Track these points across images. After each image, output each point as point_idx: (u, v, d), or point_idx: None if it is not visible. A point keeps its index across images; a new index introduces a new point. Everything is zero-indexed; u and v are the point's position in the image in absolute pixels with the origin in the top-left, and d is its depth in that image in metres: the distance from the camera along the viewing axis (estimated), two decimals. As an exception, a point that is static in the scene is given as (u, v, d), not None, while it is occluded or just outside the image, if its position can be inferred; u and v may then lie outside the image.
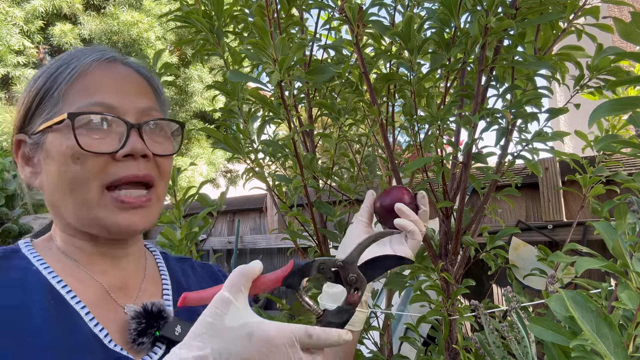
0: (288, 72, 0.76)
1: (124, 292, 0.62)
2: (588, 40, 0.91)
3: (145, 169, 0.58)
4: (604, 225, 0.55)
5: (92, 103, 0.57)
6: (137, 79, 0.64)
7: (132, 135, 0.57)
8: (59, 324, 0.53)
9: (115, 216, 0.57)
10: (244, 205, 2.69)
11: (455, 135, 1.01)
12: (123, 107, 0.59)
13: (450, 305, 0.91)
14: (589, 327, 0.46)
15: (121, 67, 0.63)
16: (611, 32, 0.81)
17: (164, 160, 0.62)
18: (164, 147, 0.62)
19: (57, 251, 0.62)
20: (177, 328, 0.59)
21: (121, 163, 0.57)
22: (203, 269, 0.77)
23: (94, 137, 0.56)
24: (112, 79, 0.61)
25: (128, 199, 0.57)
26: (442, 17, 0.87)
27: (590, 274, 1.48)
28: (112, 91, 0.59)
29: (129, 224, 0.58)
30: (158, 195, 0.62)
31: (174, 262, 0.75)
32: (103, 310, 0.58)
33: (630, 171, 1.36)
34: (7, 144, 4.43)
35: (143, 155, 0.58)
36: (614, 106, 0.48)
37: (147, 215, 0.59)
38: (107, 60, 0.62)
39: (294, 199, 1.08)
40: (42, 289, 0.55)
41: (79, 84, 0.59)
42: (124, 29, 5.66)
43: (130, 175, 0.57)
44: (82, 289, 0.58)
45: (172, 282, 0.69)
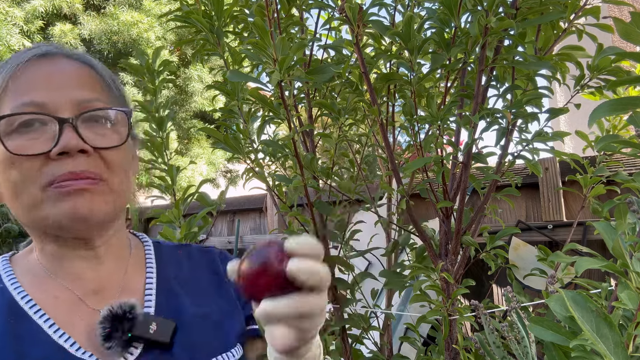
0: (288, 72, 0.76)
1: (99, 295, 0.59)
2: (588, 40, 0.91)
3: (83, 165, 0.54)
4: (604, 225, 0.55)
5: (22, 104, 0.55)
6: (77, 71, 0.59)
7: (65, 131, 0.53)
8: (19, 341, 0.52)
9: (60, 206, 0.53)
10: (244, 205, 2.69)
11: (455, 135, 1.01)
12: (55, 102, 0.55)
13: (450, 305, 0.91)
14: (589, 327, 0.46)
15: (60, 61, 0.59)
16: (611, 32, 0.81)
17: (110, 153, 0.57)
18: (107, 140, 0.57)
19: (35, 262, 0.60)
20: (152, 326, 0.56)
21: (58, 162, 0.53)
22: (203, 255, 0.73)
23: (27, 139, 0.54)
24: (45, 74, 0.57)
25: (66, 184, 0.53)
26: (442, 17, 0.87)
27: (590, 274, 1.48)
28: (44, 87, 0.56)
29: (73, 210, 0.53)
30: (113, 188, 0.57)
31: (167, 251, 0.71)
32: (75, 319, 0.56)
33: (631, 171, 1.36)
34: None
35: (82, 151, 0.54)
36: (614, 106, 0.48)
37: (94, 200, 0.54)
38: (43, 56, 0.59)
39: (294, 199, 1.08)
40: (3, 307, 0.54)
41: (12, 85, 0.56)
42: (124, 29, 5.66)
43: (66, 173, 0.53)
44: (50, 301, 0.57)
45: (159, 276, 0.66)
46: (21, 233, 2.63)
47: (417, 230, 1.00)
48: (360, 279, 1.16)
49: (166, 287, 0.65)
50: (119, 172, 0.58)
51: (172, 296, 0.64)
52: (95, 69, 0.62)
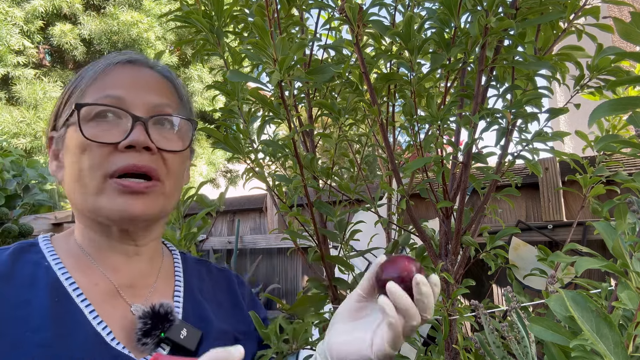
0: (288, 72, 0.76)
1: (132, 290, 0.62)
2: (588, 40, 0.91)
3: (146, 161, 0.58)
4: (604, 225, 0.55)
5: (102, 96, 0.59)
6: (155, 78, 0.65)
7: (136, 128, 0.58)
8: (60, 321, 0.53)
9: (115, 201, 0.57)
10: (244, 205, 2.69)
11: (455, 135, 1.01)
12: (132, 100, 0.60)
13: (450, 305, 0.91)
14: (588, 327, 0.46)
15: (143, 68, 0.65)
16: (611, 32, 0.81)
17: (170, 156, 0.62)
18: (171, 144, 0.62)
19: (74, 246, 0.63)
20: (182, 331, 0.59)
21: (124, 154, 0.57)
22: (220, 273, 0.77)
23: (100, 129, 0.58)
24: (127, 76, 0.63)
25: (128, 183, 0.57)
26: (442, 17, 0.87)
27: (590, 274, 1.48)
28: (124, 86, 0.61)
29: (127, 208, 0.57)
30: (164, 191, 0.61)
31: (192, 264, 0.74)
32: (109, 308, 0.58)
33: (631, 171, 1.36)
34: (7, 144, 4.44)
35: (147, 148, 0.58)
36: (614, 106, 0.48)
37: (146, 203, 0.59)
38: (129, 62, 0.64)
39: (294, 199, 1.08)
40: (49, 286, 0.56)
41: (98, 82, 0.61)
42: (124, 29, 5.66)
43: (130, 165, 0.57)
44: (90, 287, 0.59)
45: (186, 284, 0.69)
46: (21, 233, 2.63)
47: (417, 230, 1.00)
48: (360, 279, 1.16)
49: (192, 297, 0.68)
50: (174, 176, 0.63)
51: (198, 306, 0.67)
52: (172, 81, 0.68)
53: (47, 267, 0.58)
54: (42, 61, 6.31)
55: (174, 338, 0.58)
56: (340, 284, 1.10)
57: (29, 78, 5.59)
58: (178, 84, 0.69)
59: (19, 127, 5.25)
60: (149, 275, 0.66)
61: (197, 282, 0.71)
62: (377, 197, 1.13)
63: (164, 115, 0.62)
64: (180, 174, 0.65)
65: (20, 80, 5.54)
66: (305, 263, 1.12)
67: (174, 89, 0.68)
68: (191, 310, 0.65)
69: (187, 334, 0.59)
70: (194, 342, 0.60)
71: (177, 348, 0.59)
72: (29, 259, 0.59)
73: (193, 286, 0.69)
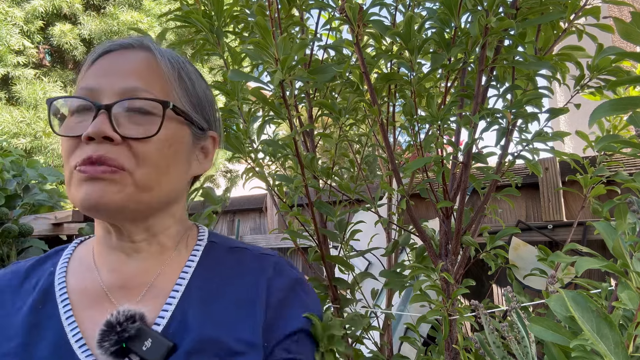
0: (290, 71, 0.76)
1: (124, 291, 0.58)
2: (589, 41, 0.92)
3: (104, 150, 0.53)
4: (604, 225, 0.55)
5: (80, 88, 0.57)
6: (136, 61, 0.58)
7: (98, 117, 0.53)
8: (35, 329, 0.52)
9: (79, 189, 0.53)
10: (244, 205, 2.69)
11: (455, 135, 1.01)
12: (102, 89, 0.55)
13: (450, 305, 0.91)
14: (589, 327, 0.46)
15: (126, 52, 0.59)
16: (611, 32, 0.81)
17: (140, 144, 0.55)
18: (140, 130, 0.55)
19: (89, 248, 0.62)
20: (147, 342, 0.53)
21: (86, 146, 0.53)
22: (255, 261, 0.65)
23: (75, 122, 0.56)
24: (106, 63, 0.58)
25: (84, 168, 0.53)
26: (442, 17, 0.87)
27: (590, 274, 1.48)
28: (99, 75, 0.57)
29: (87, 195, 0.52)
30: (135, 180, 0.54)
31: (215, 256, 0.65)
32: (94, 312, 0.55)
33: (631, 171, 1.36)
34: (7, 144, 4.43)
35: (107, 138, 0.53)
36: (615, 106, 0.48)
37: (106, 189, 0.52)
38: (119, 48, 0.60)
39: (294, 199, 1.08)
40: (40, 292, 0.55)
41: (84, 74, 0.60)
42: (124, 29, 5.66)
43: (85, 157, 0.53)
44: (79, 290, 0.57)
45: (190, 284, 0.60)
46: (21, 233, 2.63)
47: (417, 230, 1.00)
48: (360, 279, 1.16)
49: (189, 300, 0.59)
50: (149, 165, 0.56)
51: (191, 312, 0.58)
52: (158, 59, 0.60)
53: (50, 273, 0.58)
54: (42, 61, 6.31)
55: (135, 349, 0.52)
56: (340, 284, 1.10)
57: (29, 78, 5.59)
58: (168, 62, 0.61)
59: (19, 127, 5.25)
60: (148, 273, 0.60)
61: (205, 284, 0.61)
62: (377, 197, 1.13)
63: (126, 100, 0.55)
64: (162, 161, 0.57)
65: (20, 80, 5.54)
66: (305, 263, 1.11)
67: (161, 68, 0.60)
68: (179, 316, 0.57)
69: (152, 345, 0.53)
70: (158, 354, 0.53)
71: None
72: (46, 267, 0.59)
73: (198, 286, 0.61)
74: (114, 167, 0.53)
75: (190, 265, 0.62)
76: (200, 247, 0.65)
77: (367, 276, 1.16)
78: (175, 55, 0.64)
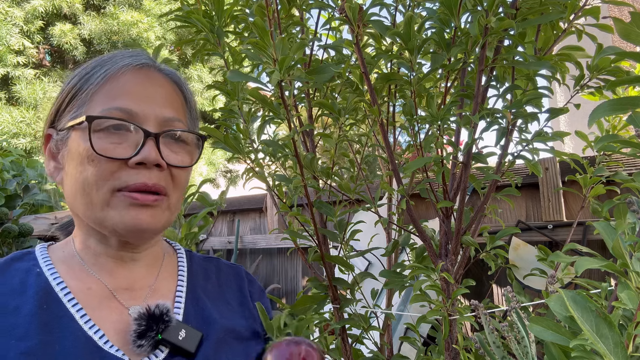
0: (288, 71, 0.76)
1: (130, 293, 0.61)
2: (588, 41, 0.92)
3: (156, 178, 0.58)
4: (604, 225, 0.56)
5: (114, 108, 0.58)
6: (166, 87, 0.64)
7: (147, 144, 0.58)
8: (48, 328, 0.52)
9: (123, 214, 0.57)
10: (244, 205, 2.69)
11: (455, 135, 1.01)
12: (144, 114, 0.59)
13: (450, 305, 0.91)
14: (588, 327, 0.47)
15: (153, 74, 0.64)
16: (611, 32, 0.81)
17: (179, 171, 0.62)
18: (180, 158, 0.62)
19: (70, 253, 0.62)
20: (181, 332, 0.58)
21: (133, 170, 0.57)
22: (229, 269, 0.76)
23: (110, 142, 0.57)
24: (139, 84, 0.61)
25: (138, 195, 0.57)
26: (442, 17, 0.87)
27: (590, 274, 1.48)
28: (136, 97, 0.60)
29: (135, 221, 0.57)
30: (169, 204, 0.61)
31: (198, 262, 0.74)
32: (105, 311, 0.58)
33: (630, 171, 1.36)
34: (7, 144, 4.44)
35: (156, 165, 0.58)
36: (614, 106, 0.48)
37: (154, 216, 0.59)
38: (140, 66, 0.63)
39: (294, 199, 1.08)
40: (38, 292, 0.55)
41: (107, 87, 0.60)
42: (124, 29, 5.67)
43: (140, 184, 0.57)
44: (83, 291, 0.58)
45: (189, 284, 0.68)
46: (21, 233, 2.63)
47: (417, 230, 1.00)
48: (360, 279, 1.16)
49: (195, 296, 0.67)
50: (180, 190, 0.63)
51: (201, 305, 0.66)
52: (181, 87, 0.67)
53: (38, 274, 0.58)
54: (42, 61, 6.32)
55: (172, 339, 0.57)
56: (340, 284, 1.10)
57: (29, 78, 5.59)
58: (185, 89, 0.69)
59: (19, 127, 5.25)
60: (147, 277, 0.65)
61: (202, 281, 0.70)
62: (377, 197, 1.13)
63: (175, 131, 0.62)
64: (185, 186, 0.65)
65: (20, 80, 5.54)
66: (305, 263, 1.12)
67: (183, 97, 0.67)
68: (193, 310, 0.64)
69: (186, 335, 0.58)
70: (193, 344, 0.59)
71: (176, 350, 0.58)
72: (21, 267, 0.58)
73: (197, 286, 0.68)
74: (163, 194, 0.59)
75: (182, 271, 0.70)
76: (182, 254, 0.73)
77: (367, 276, 1.16)
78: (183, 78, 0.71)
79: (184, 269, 0.70)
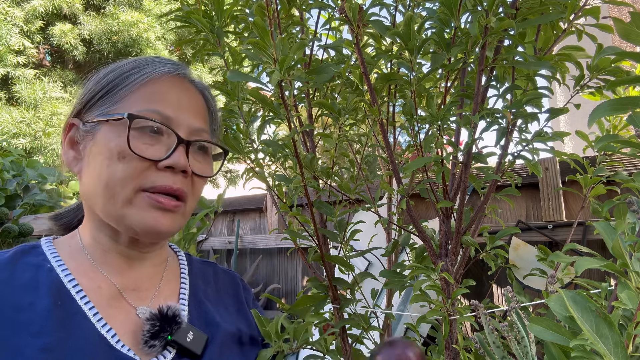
0: (288, 71, 0.76)
1: (136, 293, 0.63)
2: (588, 41, 0.92)
3: (180, 183, 0.61)
4: (604, 225, 0.55)
5: (151, 110, 0.60)
6: (197, 99, 0.68)
7: (178, 150, 0.60)
8: (63, 325, 0.53)
9: (145, 215, 0.58)
10: (244, 205, 2.69)
11: (455, 135, 1.01)
12: (178, 121, 0.62)
13: (450, 305, 0.91)
14: (588, 327, 0.46)
15: (187, 84, 0.67)
16: (611, 32, 0.81)
17: (199, 180, 0.65)
18: (203, 168, 0.65)
19: (77, 248, 0.63)
20: (189, 334, 0.59)
21: (161, 172, 0.59)
22: (225, 275, 0.79)
23: (142, 141, 0.59)
24: (176, 92, 0.64)
25: (162, 199, 0.59)
26: (442, 17, 0.87)
27: (590, 274, 1.48)
28: (173, 104, 0.62)
29: (156, 224, 0.59)
30: (185, 210, 0.63)
31: (197, 266, 0.76)
32: (114, 311, 0.59)
33: (631, 171, 1.36)
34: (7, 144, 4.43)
35: (182, 171, 0.61)
36: (614, 106, 0.48)
37: (173, 220, 0.61)
38: (178, 75, 0.66)
39: (294, 199, 1.08)
40: (51, 289, 0.56)
41: (146, 89, 0.62)
42: (124, 29, 5.67)
43: (166, 186, 0.59)
44: (93, 289, 0.59)
45: (191, 287, 0.70)
46: (21, 233, 2.63)
47: (417, 230, 1.00)
48: (360, 279, 1.16)
49: (197, 299, 0.69)
50: (196, 198, 0.67)
51: (203, 308, 0.68)
52: (207, 99, 0.72)
53: (49, 270, 0.58)
54: (42, 61, 6.32)
55: (181, 341, 0.58)
56: (340, 284, 1.10)
57: (29, 78, 5.59)
58: (212, 102, 0.72)
59: (19, 127, 5.25)
60: (153, 278, 0.66)
61: (202, 285, 0.71)
62: (377, 197, 1.13)
63: (204, 142, 0.65)
64: (199, 196, 0.68)
65: (20, 80, 5.54)
66: (305, 263, 1.12)
67: (208, 108, 0.71)
68: (196, 313, 0.66)
69: (194, 337, 0.60)
70: (200, 346, 0.60)
71: (183, 351, 0.59)
72: (31, 262, 0.59)
73: (198, 289, 0.70)
74: (183, 200, 0.62)
75: (184, 273, 0.72)
76: (184, 258, 0.75)
77: (367, 276, 1.16)
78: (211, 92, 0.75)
79: (186, 272, 0.72)
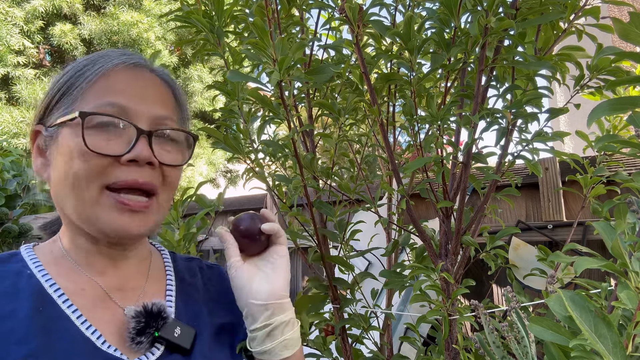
0: (288, 72, 0.76)
1: (122, 293, 0.62)
2: (588, 41, 0.92)
3: (148, 176, 0.58)
4: (604, 225, 0.56)
5: (106, 103, 0.58)
6: (159, 87, 0.64)
7: (140, 142, 0.57)
8: (46, 330, 0.52)
9: (113, 217, 0.56)
10: (244, 205, 2.69)
11: (455, 135, 1.01)
12: (137, 111, 0.59)
13: (450, 305, 0.91)
14: (587, 327, 0.47)
15: (145, 73, 0.64)
16: (611, 32, 0.81)
17: (170, 169, 0.61)
18: (172, 157, 0.62)
19: (59, 253, 0.62)
20: (176, 330, 0.59)
21: (125, 167, 0.56)
22: (210, 269, 0.77)
23: (101, 138, 0.56)
24: (132, 83, 0.61)
25: (127, 201, 0.56)
26: (442, 17, 0.87)
27: (590, 274, 1.48)
28: (129, 95, 0.59)
29: (125, 227, 0.57)
30: (160, 204, 0.61)
31: (181, 262, 0.74)
32: (99, 311, 0.58)
33: (631, 171, 1.36)
34: (7, 144, 4.43)
35: (148, 163, 0.58)
36: (614, 106, 0.48)
37: (144, 221, 0.58)
38: (133, 65, 0.62)
39: (294, 199, 1.08)
40: (33, 294, 0.55)
41: (99, 84, 0.59)
42: (124, 29, 5.66)
43: (131, 180, 0.56)
44: (77, 292, 0.58)
45: (177, 282, 0.69)
46: (21, 233, 2.63)
47: (417, 230, 1.00)
48: (360, 279, 1.16)
49: (185, 295, 0.68)
50: (170, 189, 0.63)
51: (190, 303, 0.67)
52: (172, 87, 0.67)
53: (29, 276, 0.57)
54: (42, 61, 6.31)
55: (168, 337, 0.58)
56: (340, 284, 1.10)
57: (29, 78, 5.59)
58: (177, 90, 0.68)
59: (19, 127, 5.25)
60: (139, 277, 0.65)
61: (188, 280, 0.71)
62: (377, 197, 1.13)
63: (167, 129, 0.61)
64: (176, 186, 0.65)
65: (20, 80, 5.54)
66: (305, 263, 1.11)
67: (174, 96, 0.67)
68: (184, 308, 0.65)
69: (181, 332, 0.59)
70: (188, 340, 0.60)
71: (172, 347, 0.59)
72: (10, 269, 0.58)
73: (185, 284, 0.69)
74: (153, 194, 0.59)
75: (169, 270, 0.71)
76: (167, 255, 0.74)
77: (367, 276, 1.16)
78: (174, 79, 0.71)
79: (171, 269, 0.71)
